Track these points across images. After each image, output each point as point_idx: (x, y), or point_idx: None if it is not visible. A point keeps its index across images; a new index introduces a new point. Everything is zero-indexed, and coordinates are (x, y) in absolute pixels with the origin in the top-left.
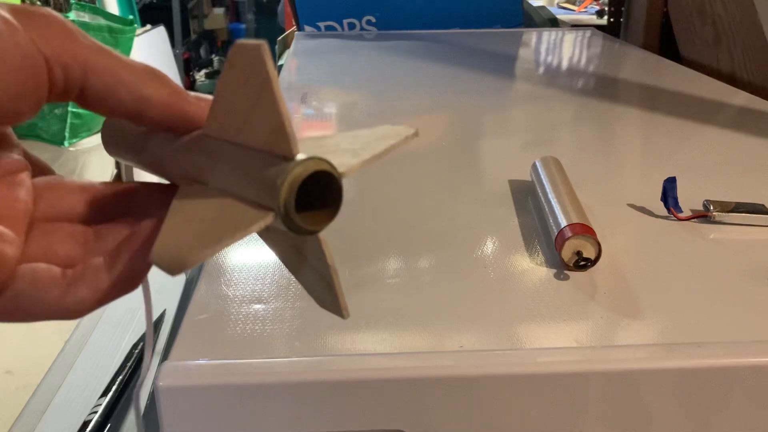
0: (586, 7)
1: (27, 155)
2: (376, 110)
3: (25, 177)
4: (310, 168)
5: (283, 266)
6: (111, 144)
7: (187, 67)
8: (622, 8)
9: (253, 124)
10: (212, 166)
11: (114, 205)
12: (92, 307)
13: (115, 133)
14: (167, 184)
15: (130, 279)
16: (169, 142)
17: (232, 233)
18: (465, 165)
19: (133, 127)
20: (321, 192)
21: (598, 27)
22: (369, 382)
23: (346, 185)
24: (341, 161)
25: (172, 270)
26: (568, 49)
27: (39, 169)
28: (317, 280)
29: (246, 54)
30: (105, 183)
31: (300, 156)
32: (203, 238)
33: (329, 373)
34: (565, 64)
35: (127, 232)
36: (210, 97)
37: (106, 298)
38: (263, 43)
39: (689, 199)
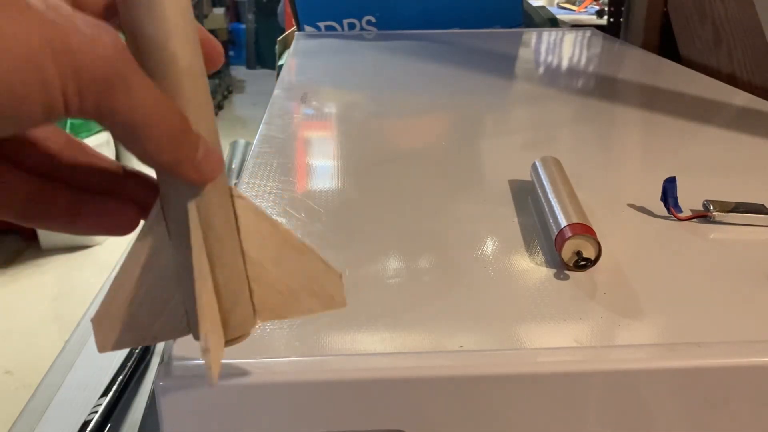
0: (586, 7)
1: None
2: (376, 110)
3: None
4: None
5: None
6: None
7: None
8: (622, 8)
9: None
10: (177, 238)
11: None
12: None
13: None
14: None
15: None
16: None
17: (156, 338)
18: (465, 165)
19: None
20: None
21: (598, 27)
22: (369, 382)
23: (348, 185)
24: (267, 305)
25: (99, 349)
26: (568, 49)
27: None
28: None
29: None
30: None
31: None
32: (133, 330)
33: (329, 373)
34: (565, 64)
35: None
36: (221, 156)
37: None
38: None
39: (689, 199)
